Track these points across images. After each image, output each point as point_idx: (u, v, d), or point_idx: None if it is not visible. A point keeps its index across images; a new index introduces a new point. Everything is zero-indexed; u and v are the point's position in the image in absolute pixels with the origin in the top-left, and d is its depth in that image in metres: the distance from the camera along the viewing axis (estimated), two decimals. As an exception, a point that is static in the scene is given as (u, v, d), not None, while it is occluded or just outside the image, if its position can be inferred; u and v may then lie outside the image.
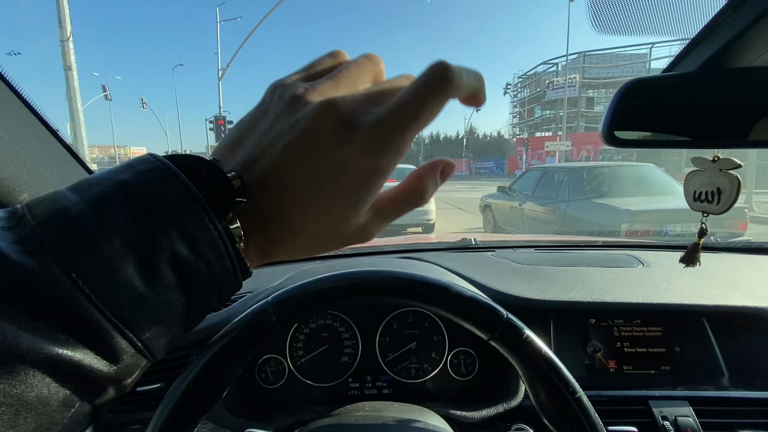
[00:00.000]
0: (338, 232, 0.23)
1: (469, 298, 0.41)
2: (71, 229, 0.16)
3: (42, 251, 0.16)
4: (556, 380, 0.39)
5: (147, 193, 0.18)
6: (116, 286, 0.17)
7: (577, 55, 37.47)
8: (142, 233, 0.18)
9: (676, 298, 0.72)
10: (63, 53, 8.19)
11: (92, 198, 0.17)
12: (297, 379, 0.70)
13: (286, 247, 0.23)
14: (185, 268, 0.19)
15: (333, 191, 0.21)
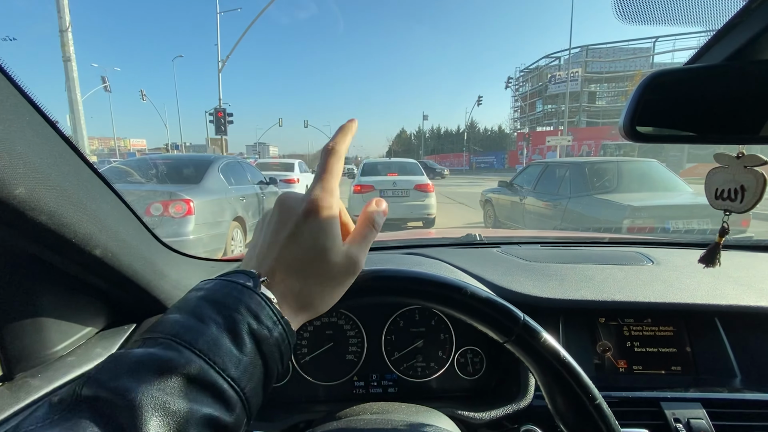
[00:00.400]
0: (332, 271, 0.34)
1: (485, 299, 0.39)
2: (185, 329, 0.26)
3: (176, 346, 0.25)
4: (574, 385, 0.37)
5: (224, 296, 0.29)
6: (222, 353, 0.26)
7: (579, 48, 37.15)
8: (226, 317, 0.28)
9: (688, 297, 0.71)
10: (62, 44, 8.12)
11: (191, 309, 0.28)
12: (301, 377, 0.68)
13: (308, 300, 0.33)
14: (257, 335, 0.28)
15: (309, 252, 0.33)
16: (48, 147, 0.41)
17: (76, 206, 0.43)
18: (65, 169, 0.43)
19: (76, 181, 0.45)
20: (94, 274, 0.55)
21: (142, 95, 34.63)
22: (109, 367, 0.24)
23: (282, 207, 0.35)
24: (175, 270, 0.72)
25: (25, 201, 0.36)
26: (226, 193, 4.60)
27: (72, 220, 0.43)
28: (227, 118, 14.67)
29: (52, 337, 0.56)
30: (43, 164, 0.38)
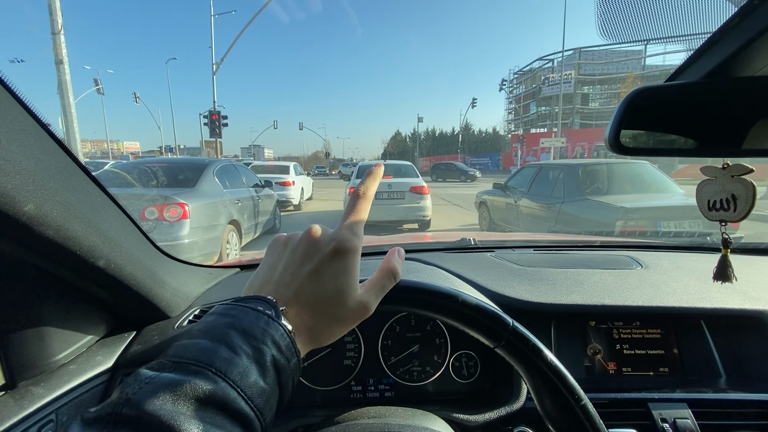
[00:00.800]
0: (344, 314, 0.35)
1: (475, 306, 0.41)
2: (220, 360, 0.27)
3: (213, 376, 0.26)
4: (561, 387, 0.39)
5: (252, 325, 0.30)
6: (252, 384, 0.27)
7: (572, 51, 37.52)
8: (254, 349, 0.29)
9: (675, 301, 0.73)
10: (54, 46, 8.05)
11: (221, 337, 0.29)
12: (299, 382, 0.70)
13: (317, 335, 0.35)
14: (279, 366, 0.30)
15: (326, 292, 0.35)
16: (54, 163, 0.42)
17: (81, 220, 0.45)
18: (70, 183, 0.44)
19: (80, 195, 0.46)
20: (97, 284, 0.56)
21: (135, 98, 34.42)
22: (147, 389, 0.24)
23: (309, 240, 0.36)
24: (174, 278, 0.74)
25: (34, 217, 0.37)
26: (221, 197, 4.59)
27: (77, 233, 0.44)
28: (222, 120, 14.62)
29: (54, 346, 0.57)
30: (50, 180, 0.40)
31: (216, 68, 16.49)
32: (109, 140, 49.07)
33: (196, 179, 4.43)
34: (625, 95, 0.46)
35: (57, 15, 7.89)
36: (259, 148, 69.25)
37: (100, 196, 0.52)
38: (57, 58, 8.13)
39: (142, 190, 4.29)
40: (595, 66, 37.43)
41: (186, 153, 51.54)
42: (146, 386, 0.24)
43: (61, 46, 8.07)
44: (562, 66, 32.84)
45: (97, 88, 29.88)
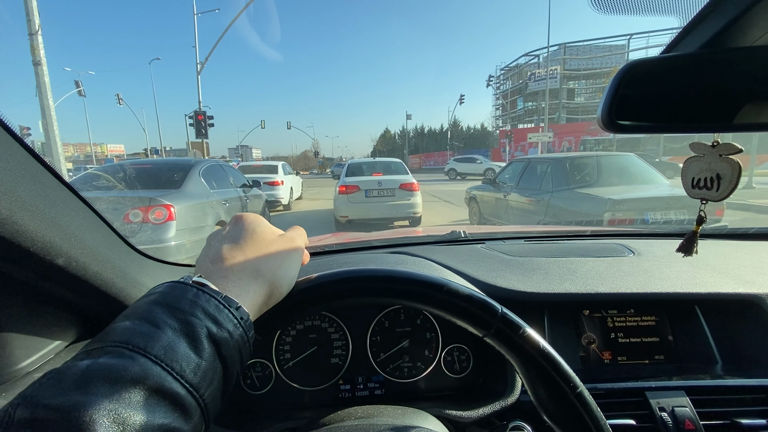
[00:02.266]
0: (274, 242, 0.38)
1: (462, 294, 0.39)
2: (139, 335, 0.25)
3: (129, 353, 0.23)
4: (555, 376, 0.37)
5: (178, 299, 0.28)
6: (180, 358, 0.25)
7: (557, 46, 37.89)
8: (183, 322, 0.27)
9: (669, 287, 0.72)
10: (31, 47, 7.84)
11: (143, 315, 0.27)
12: (285, 383, 0.66)
13: (266, 281, 0.35)
14: (217, 339, 0.28)
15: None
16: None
17: (33, 213, 0.41)
18: (19, 173, 0.40)
19: (32, 187, 0.42)
20: (59, 285, 0.52)
21: (118, 99, 33.69)
22: (49, 384, 0.21)
23: (232, 220, 0.40)
24: (150, 277, 0.69)
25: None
26: (208, 197, 4.51)
27: (28, 227, 0.40)
28: (208, 120, 14.40)
29: (17, 353, 0.53)
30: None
31: (200, 68, 16.22)
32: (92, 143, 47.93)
33: (182, 180, 4.34)
34: (617, 70, 0.44)
35: (34, 15, 7.67)
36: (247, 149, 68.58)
37: (59, 187, 0.48)
38: (35, 60, 7.91)
39: (127, 192, 4.18)
40: (580, 61, 37.83)
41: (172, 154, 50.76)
42: (48, 381, 0.22)
43: (39, 48, 7.85)
44: (548, 61, 33.10)
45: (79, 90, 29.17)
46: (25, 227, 0.39)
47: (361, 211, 6.44)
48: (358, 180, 6.68)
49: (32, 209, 0.41)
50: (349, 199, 6.46)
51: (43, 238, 0.42)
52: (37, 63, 7.95)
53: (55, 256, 0.45)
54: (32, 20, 7.62)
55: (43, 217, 0.42)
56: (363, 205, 6.44)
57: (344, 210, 6.46)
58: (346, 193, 6.51)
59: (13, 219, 0.38)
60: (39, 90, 8.10)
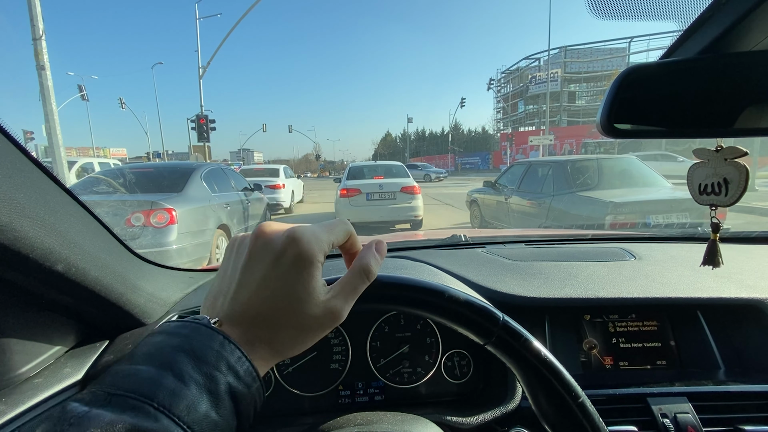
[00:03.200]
0: (306, 322, 0.30)
1: (463, 301, 0.38)
2: (164, 391, 0.23)
3: (154, 412, 0.22)
4: (556, 384, 0.37)
5: (204, 348, 0.26)
6: (201, 418, 0.24)
7: (558, 50, 37.96)
8: (206, 376, 0.25)
9: (671, 291, 0.71)
10: (35, 52, 7.88)
11: (168, 363, 0.25)
12: (284, 389, 0.66)
13: (277, 349, 0.30)
14: (236, 394, 0.26)
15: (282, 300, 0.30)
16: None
17: (33, 220, 0.41)
18: (19, 180, 0.40)
19: (32, 194, 0.42)
20: (59, 291, 0.52)
21: (121, 103, 33.88)
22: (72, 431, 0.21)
23: (257, 241, 0.31)
24: (150, 282, 0.70)
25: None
26: (210, 201, 4.52)
27: (27, 234, 0.40)
28: (210, 124, 14.45)
29: (17, 359, 0.53)
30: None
31: (202, 72, 16.30)
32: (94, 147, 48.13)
33: (184, 184, 4.35)
34: (617, 73, 0.44)
35: (38, 20, 7.72)
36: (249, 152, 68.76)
37: (59, 195, 0.48)
38: (38, 64, 7.95)
39: (128, 196, 4.20)
40: (581, 64, 37.89)
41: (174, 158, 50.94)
42: (70, 428, 0.21)
43: (43, 52, 7.90)
44: (549, 64, 33.19)
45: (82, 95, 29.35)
46: (25, 234, 0.40)
47: (362, 215, 6.43)
48: (360, 183, 6.69)
49: (32, 216, 0.41)
50: (350, 203, 6.46)
51: (43, 244, 0.42)
52: (41, 67, 7.99)
53: (55, 263, 0.45)
54: (36, 25, 7.67)
55: (43, 224, 0.42)
56: (364, 208, 6.44)
57: (345, 213, 6.46)
58: (347, 197, 6.52)
59: (12, 226, 0.38)
60: (42, 94, 8.14)
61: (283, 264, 0.30)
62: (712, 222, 0.49)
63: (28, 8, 7.61)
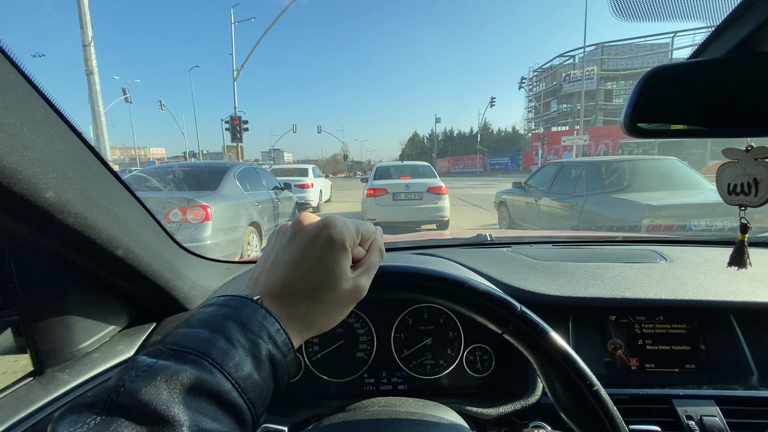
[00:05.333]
0: (338, 297, 0.35)
1: (482, 291, 0.40)
2: (217, 350, 0.27)
3: (209, 366, 0.26)
4: (571, 373, 0.38)
5: (249, 318, 0.30)
6: (246, 376, 0.27)
7: (594, 46, 36.58)
8: (251, 342, 0.29)
9: (702, 294, 0.70)
10: (85, 57, 8.42)
11: (219, 328, 0.29)
12: (313, 374, 0.70)
13: (311, 322, 0.34)
14: (274, 360, 0.30)
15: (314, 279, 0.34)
16: (74, 154, 0.44)
17: (100, 209, 0.46)
18: (89, 174, 0.46)
19: (99, 186, 0.48)
20: (117, 274, 0.58)
21: (161, 105, 35.64)
22: (144, 377, 0.24)
23: (297, 226, 0.36)
24: (192, 271, 0.75)
25: (54, 204, 0.39)
26: (242, 199, 4.69)
27: (96, 221, 0.46)
28: (242, 125, 14.94)
29: (79, 335, 0.59)
30: (70, 170, 0.41)
31: (237, 74, 16.88)
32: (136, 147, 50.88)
33: (218, 182, 4.54)
34: (642, 74, 0.44)
35: (87, 28, 8.25)
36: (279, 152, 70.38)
37: (120, 188, 0.54)
38: (88, 69, 8.50)
39: (167, 193, 4.42)
40: (619, 61, 36.33)
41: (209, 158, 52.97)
42: (143, 374, 0.25)
43: (92, 58, 8.43)
44: (584, 62, 32.01)
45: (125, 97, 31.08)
46: (94, 221, 0.45)
47: (388, 214, 6.46)
48: (386, 183, 6.72)
49: (99, 206, 0.46)
50: (376, 202, 6.51)
51: (108, 231, 0.48)
52: (90, 72, 8.54)
53: (116, 248, 0.50)
54: (86, 33, 8.20)
55: (108, 213, 0.48)
56: (390, 208, 6.47)
57: (372, 213, 6.51)
58: (373, 196, 6.57)
59: (84, 214, 0.43)
60: (91, 97, 8.69)
61: (317, 245, 0.34)
62: (741, 223, 0.49)
63: (78, 17, 8.14)
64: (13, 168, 0.34)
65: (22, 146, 0.35)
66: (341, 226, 0.35)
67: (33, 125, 0.37)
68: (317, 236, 0.34)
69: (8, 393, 0.51)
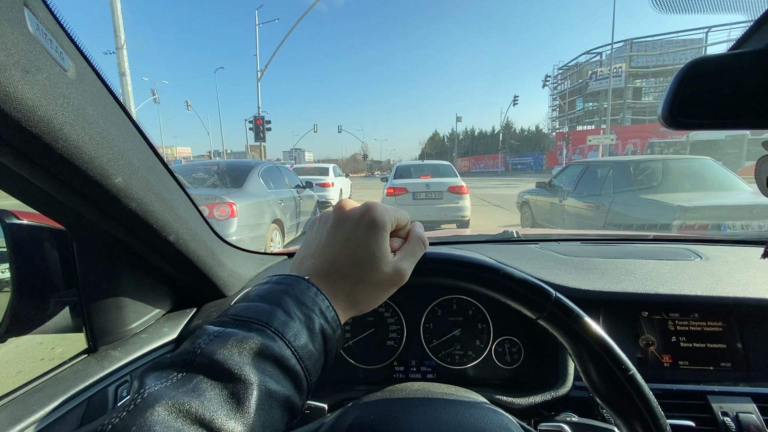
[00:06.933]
0: (380, 279, 0.36)
1: (518, 278, 0.41)
2: (278, 321, 0.30)
3: (272, 334, 0.29)
4: (606, 358, 0.38)
5: (303, 294, 0.32)
6: (302, 346, 0.30)
7: (623, 43, 35.41)
8: (306, 316, 0.31)
9: (739, 292, 0.69)
10: (118, 60, 8.79)
11: (277, 302, 0.31)
12: (345, 360, 0.73)
13: (354, 301, 0.36)
14: (326, 335, 0.32)
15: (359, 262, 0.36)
16: (137, 144, 0.47)
17: (158, 196, 0.50)
18: (149, 163, 0.50)
19: (157, 175, 0.51)
20: (166, 259, 0.62)
21: (187, 105, 36.74)
22: (217, 342, 0.27)
23: (340, 211, 0.38)
24: (231, 260, 0.79)
25: (121, 189, 0.43)
26: (266, 197, 4.80)
27: (154, 207, 0.49)
28: (266, 125, 15.24)
29: (130, 316, 0.64)
30: (134, 158, 0.45)
31: (260, 75, 17.22)
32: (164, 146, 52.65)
33: (243, 180, 4.66)
34: (680, 68, 0.44)
35: (120, 32, 8.61)
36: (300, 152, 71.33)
37: (171, 179, 0.58)
38: (120, 71, 8.87)
39: (194, 190, 4.57)
40: (649, 58, 35.04)
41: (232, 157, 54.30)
42: (215, 339, 0.27)
43: (124, 60, 8.79)
44: (612, 59, 31.02)
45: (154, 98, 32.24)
46: (152, 207, 0.49)
47: (408, 214, 6.44)
48: (406, 182, 6.72)
49: (157, 193, 0.50)
50: (396, 201, 6.52)
51: (163, 217, 0.52)
52: (122, 74, 8.91)
53: (168, 233, 0.54)
54: (119, 36, 8.55)
55: (164, 201, 0.52)
56: (410, 207, 6.46)
57: (392, 211, 6.51)
58: (393, 195, 6.58)
59: (145, 200, 0.47)
60: (123, 98, 9.05)
61: (361, 227, 0.36)
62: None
63: (111, 20, 8.50)
64: (91, 155, 0.38)
65: (98, 135, 0.38)
66: (382, 210, 0.37)
67: (106, 116, 0.40)
68: (360, 219, 0.37)
69: (66, 367, 0.55)
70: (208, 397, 0.24)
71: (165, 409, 0.23)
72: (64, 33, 0.37)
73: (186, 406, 0.23)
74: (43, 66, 0.32)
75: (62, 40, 0.37)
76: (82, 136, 0.36)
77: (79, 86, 0.37)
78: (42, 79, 0.32)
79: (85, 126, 0.37)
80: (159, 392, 0.24)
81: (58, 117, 0.34)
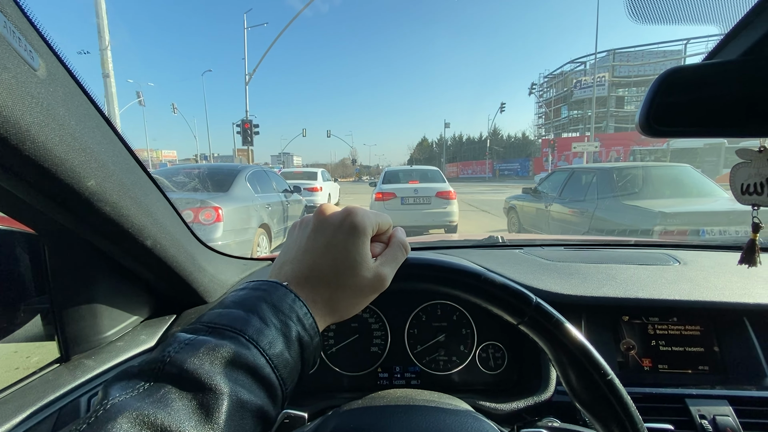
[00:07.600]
0: (360, 284, 0.35)
1: (499, 283, 0.41)
2: (252, 328, 0.29)
3: (245, 342, 0.28)
4: (585, 362, 0.38)
5: (280, 301, 0.32)
6: (278, 354, 0.29)
7: (606, 53, 36.37)
8: (282, 323, 0.31)
9: (716, 296, 0.70)
10: (102, 61, 8.62)
11: (253, 308, 0.30)
12: (328, 367, 0.72)
13: (334, 307, 0.36)
14: (303, 342, 0.31)
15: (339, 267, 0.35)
16: (112, 147, 0.46)
17: (133, 200, 0.49)
18: (125, 166, 0.48)
19: (132, 178, 0.50)
20: (143, 264, 0.60)
21: (173, 108, 36.25)
22: (188, 350, 0.26)
23: (319, 216, 0.37)
24: (212, 265, 0.78)
25: (95, 193, 0.41)
26: (253, 201, 4.74)
27: (129, 212, 0.48)
28: (253, 129, 15.12)
29: (105, 324, 0.62)
30: (109, 161, 0.44)
31: (248, 79, 17.12)
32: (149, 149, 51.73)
33: (230, 184, 4.60)
34: (657, 76, 0.45)
35: (104, 32, 8.45)
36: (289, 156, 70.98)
37: (148, 182, 0.57)
38: (104, 72, 8.70)
39: (179, 194, 4.49)
40: (631, 68, 36.04)
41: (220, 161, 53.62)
42: (186, 347, 0.26)
43: (108, 61, 8.63)
44: (595, 68, 31.79)
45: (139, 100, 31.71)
46: (128, 211, 0.48)
47: (396, 219, 6.47)
48: (395, 187, 6.74)
49: (133, 197, 0.49)
50: (385, 206, 6.53)
51: (139, 221, 0.50)
52: (106, 75, 8.74)
53: (146, 238, 0.53)
54: (103, 37, 8.40)
55: (140, 204, 0.50)
56: (399, 212, 6.48)
57: (380, 217, 6.51)
58: (382, 200, 6.59)
59: (120, 204, 0.46)
60: (107, 100, 8.88)
61: (341, 232, 0.36)
62: (753, 222, 0.49)
63: (96, 21, 8.35)
64: (61, 157, 0.36)
65: (70, 137, 0.37)
66: (363, 215, 0.37)
67: (79, 118, 0.39)
68: (341, 224, 0.36)
69: (36, 378, 0.53)
70: (176, 408, 0.23)
71: (128, 421, 0.22)
72: (35, 31, 0.36)
73: (151, 418, 0.22)
74: (10, 65, 0.31)
75: (33, 39, 0.35)
76: (51, 137, 0.35)
77: (49, 86, 0.36)
78: (8, 79, 0.31)
79: (55, 127, 0.36)
80: (123, 403, 0.23)
81: (26, 118, 0.33)
